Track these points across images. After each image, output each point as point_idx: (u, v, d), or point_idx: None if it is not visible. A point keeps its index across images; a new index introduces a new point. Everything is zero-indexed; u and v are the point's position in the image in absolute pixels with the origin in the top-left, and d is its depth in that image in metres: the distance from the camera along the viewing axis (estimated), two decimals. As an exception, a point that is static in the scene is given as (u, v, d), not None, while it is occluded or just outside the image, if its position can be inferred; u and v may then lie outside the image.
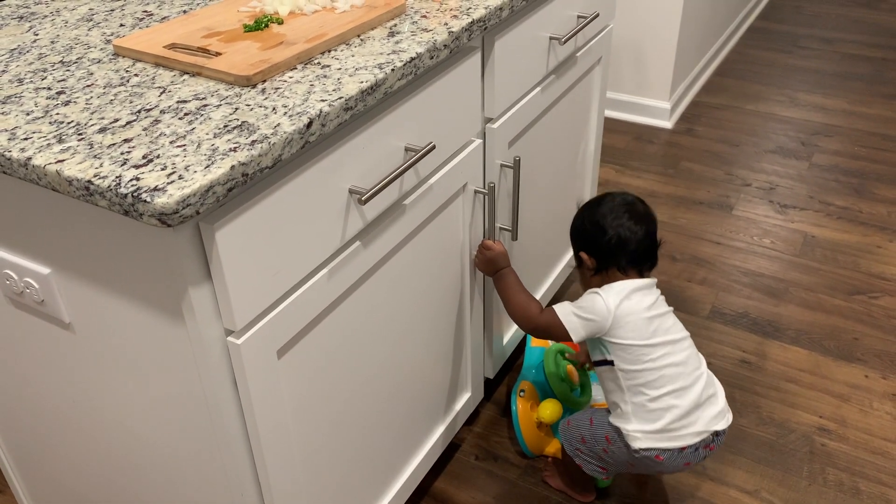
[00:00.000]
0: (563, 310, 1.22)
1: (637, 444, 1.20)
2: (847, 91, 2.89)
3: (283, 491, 0.95)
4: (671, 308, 1.25)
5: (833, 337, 1.76)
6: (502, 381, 1.68)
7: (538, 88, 1.33)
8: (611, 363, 1.21)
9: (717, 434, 1.21)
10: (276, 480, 0.93)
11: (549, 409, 1.45)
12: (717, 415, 1.21)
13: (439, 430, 1.35)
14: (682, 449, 1.19)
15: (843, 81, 2.97)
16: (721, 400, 1.23)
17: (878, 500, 1.40)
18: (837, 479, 1.44)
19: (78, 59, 0.94)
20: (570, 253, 1.77)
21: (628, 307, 1.19)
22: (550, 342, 1.60)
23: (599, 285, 1.23)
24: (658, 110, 2.68)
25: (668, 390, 1.18)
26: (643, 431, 1.20)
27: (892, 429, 1.53)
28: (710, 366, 1.67)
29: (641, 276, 1.24)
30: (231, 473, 0.90)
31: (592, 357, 1.26)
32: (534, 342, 1.62)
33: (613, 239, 1.22)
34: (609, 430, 1.24)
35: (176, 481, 0.98)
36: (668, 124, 2.68)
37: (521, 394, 1.50)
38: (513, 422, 1.49)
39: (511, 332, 1.56)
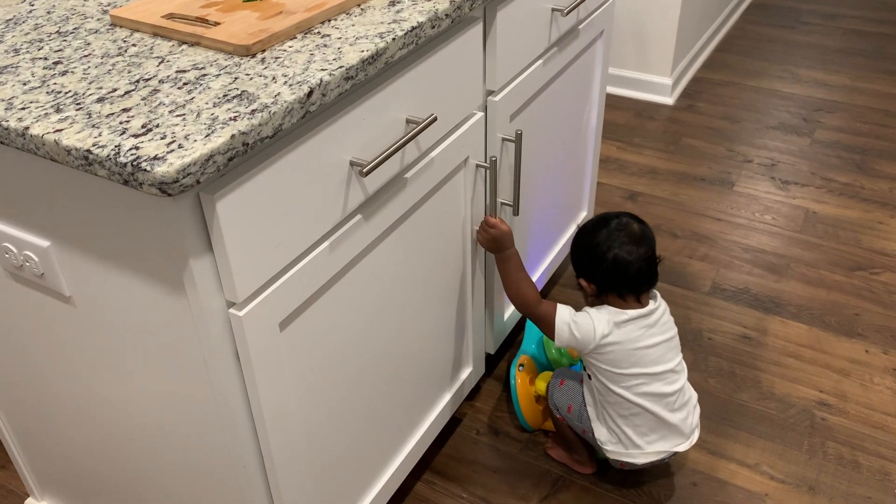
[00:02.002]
0: (562, 316, 1.24)
1: (607, 455, 1.30)
2: (849, 67, 2.87)
3: (285, 463, 0.95)
4: (670, 335, 1.25)
5: (834, 312, 1.76)
6: (503, 356, 1.68)
7: (540, 61, 1.31)
8: (589, 376, 1.28)
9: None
10: (278, 452, 0.93)
11: (546, 384, 1.45)
12: (681, 435, 1.26)
13: (441, 404, 1.36)
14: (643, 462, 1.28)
15: (845, 57, 2.95)
16: (693, 420, 1.28)
17: (877, 473, 1.41)
18: (837, 452, 1.44)
19: (75, 29, 0.93)
20: (571, 230, 1.76)
21: (615, 337, 1.20)
22: None
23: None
24: (659, 86, 2.66)
25: (635, 412, 1.24)
26: (612, 443, 1.28)
27: (893, 403, 1.54)
28: (710, 341, 1.69)
29: (639, 300, 1.23)
30: (233, 445, 0.90)
31: (582, 360, 1.31)
32: None
33: (611, 267, 1.21)
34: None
35: (178, 453, 0.98)
36: (669, 100, 2.67)
37: (520, 368, 1.51)
38: (511, 396, 1.49)
39: (512, 308, 1.56)
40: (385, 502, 1.25)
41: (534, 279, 1.59)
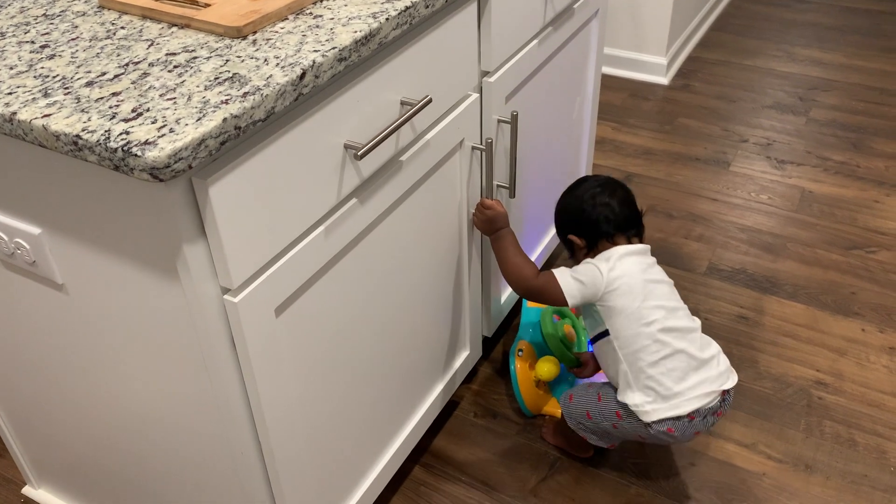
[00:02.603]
0: (562, 272, 1.22)
1: (649, 418, 1.18)
2: (845, 45, 2.86)
3: (283, 449, 0.95)
4: (669, 280, 1.25)
5: (830, 291, 1.76)
6: (500, 339, 1.67)
7: (535, 41, 1.30)
8: (606, 332, 1.21)
9: (724, 395, 1.20)
10: (275, 439, 0.92)
11: (547, 368, 1.45)
12: (720, 374, 1.19)
13: (438, 388, 1.35)
14: (690, 418, 1.17)
15: (841, 35, 2.93)
16: (723, 361, 1.22)
17: (873, 451, 1.41)
18: (834, 431, 1.45)
19: (62, 11, 0.91)
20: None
21: (620, 270, 1.19)
22: None
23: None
24: (654, 66, 2.65)
25: (665, 354, 1.16)
26: (650, 402, 1.18)
27: (889, 381, 1.54)
28: (707, 322, 1.69)
29: (630, 242, 1.25)
30: (230, 432, 0.89)
31: (589, 331, 1.27)
32: (529, 302, 1.62)
33: (593, 214, 1.25)
34: (619, 405, 1.24)
35: (174, 440, 0.98)
36: (664, 80, 2.65)
37: (520, 353, 1.50)
38: (512, 382, 1.49)
39: (509, 291, 1.55)
40: (384, 486, 1.25)
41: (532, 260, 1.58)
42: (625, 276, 1.19)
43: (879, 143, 2.29)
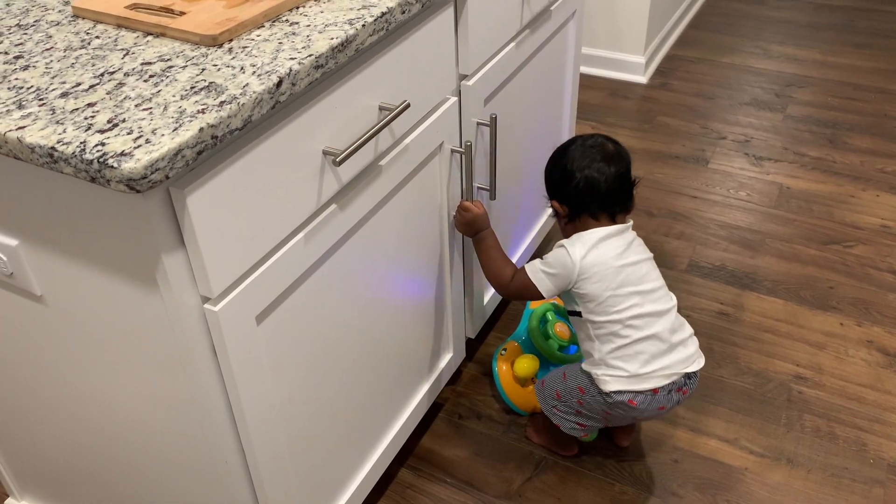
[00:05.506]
0: (532, 268, 1.22)
1: (608, 387, 1.20)
2: (819, 41, 2.89)
3: (267, 455, 0.95)
4: (649, 255, 1.24)
5: (809, 286, 1.78)
6: (484, 340, 1.68)
7: (513, 44, 1.31)
8: (580, 313, 1.22)
9: (688, 377, 1.21)
10: (259, 446, 0.92)
11: (524, 364, 1.46)
12: (687, 358, 1.20)
13: (422, 391, 1.36)
14: (654, 392, 1.19)
15: (815, 32, 2.97)
16: (692, 344, 1.23)
17: (853, 444, 1.43)
18: (814, 425, 1.47)
19: (35, 21, 0.91)
20: (549, 210, 1.77)
21: (595, 258, 1.18)
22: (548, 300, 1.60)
23: (573, 233, 1.23)
24: (633, 65, 2.66)
25: (637, 338, 1.17)
26: (613, 376, 1.20)
27: (867, 374, 1.56)
28: (688, 318, 1.68)
29: (614, 221, 1.22)
30: (214, 441, 0.89)
31: (566, 307, 1.26)
32: (532, 303, 1.62)
33: (581, 183, 1.20)
34: (582, 380, 1.25)
35: (160, 449, 0.97)
36: (642, 79, 2.67)
37: (503, 353, 1.51)
38: (496, 384, 1.50)
39: (492, 292, 1.56)
40: (370, 489, 1.25)
41: (514, 261, 1.59)
42: (598, 263, 1.17)
43: (854, 138, 2.32)
